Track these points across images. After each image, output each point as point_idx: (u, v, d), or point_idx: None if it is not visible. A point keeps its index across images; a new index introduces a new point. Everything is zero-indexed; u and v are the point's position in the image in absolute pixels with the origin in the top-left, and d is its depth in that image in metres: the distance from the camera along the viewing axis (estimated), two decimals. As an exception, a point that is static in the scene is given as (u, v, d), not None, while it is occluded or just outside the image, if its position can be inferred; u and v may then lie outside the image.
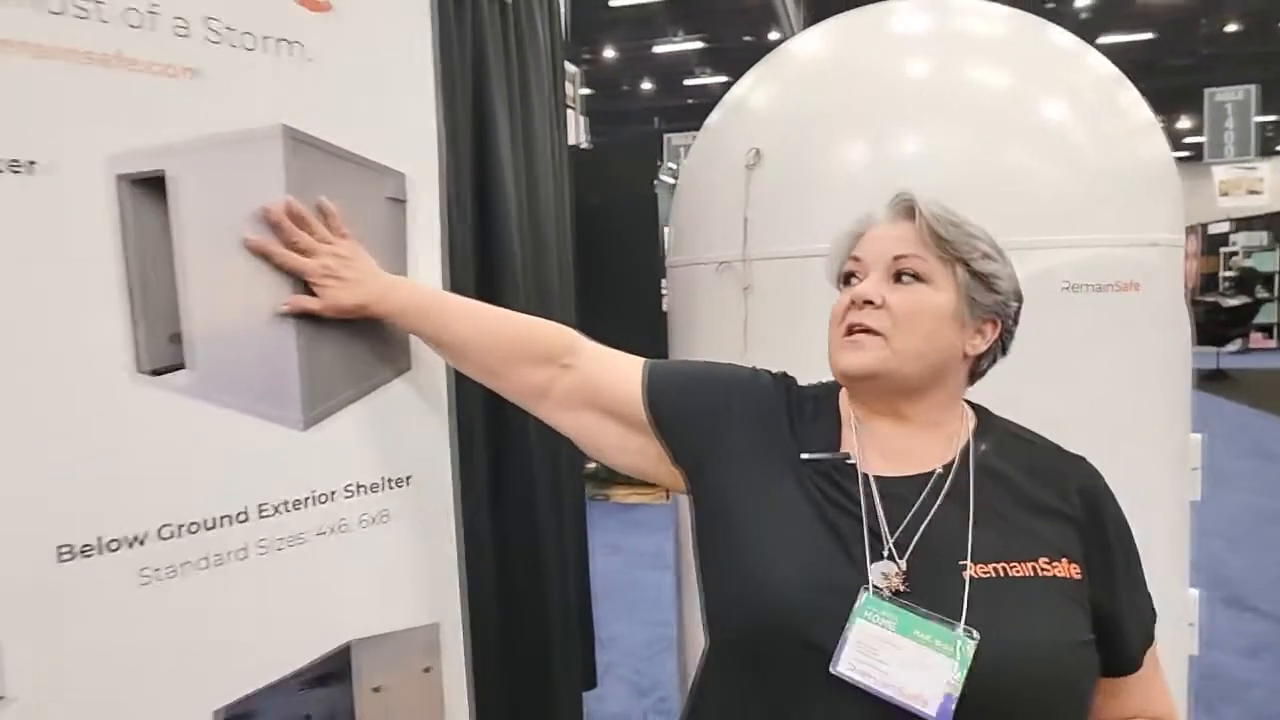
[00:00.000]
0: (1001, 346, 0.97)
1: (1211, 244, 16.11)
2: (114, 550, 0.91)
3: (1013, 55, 1.70)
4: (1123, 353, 1.51)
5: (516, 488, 2.09)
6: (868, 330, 0.90)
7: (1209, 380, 10.46)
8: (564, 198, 2.57)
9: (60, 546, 0.87)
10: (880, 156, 1.59)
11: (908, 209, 0.93)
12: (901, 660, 0.79)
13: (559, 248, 2.44)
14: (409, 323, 1.13)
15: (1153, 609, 0.94)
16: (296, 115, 1.03)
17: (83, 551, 0.89)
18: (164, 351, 0.94)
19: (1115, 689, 0.90)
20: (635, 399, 1.02)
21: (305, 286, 1.05)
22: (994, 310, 0.93)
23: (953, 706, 0.76)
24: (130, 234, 0.90)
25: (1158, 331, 1.55)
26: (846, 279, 0.96)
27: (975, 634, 0.79)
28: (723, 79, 18.50)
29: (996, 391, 0.99)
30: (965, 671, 0.77)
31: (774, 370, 1.06)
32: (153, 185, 0.92)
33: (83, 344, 0.88)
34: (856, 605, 0.82)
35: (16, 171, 0.83)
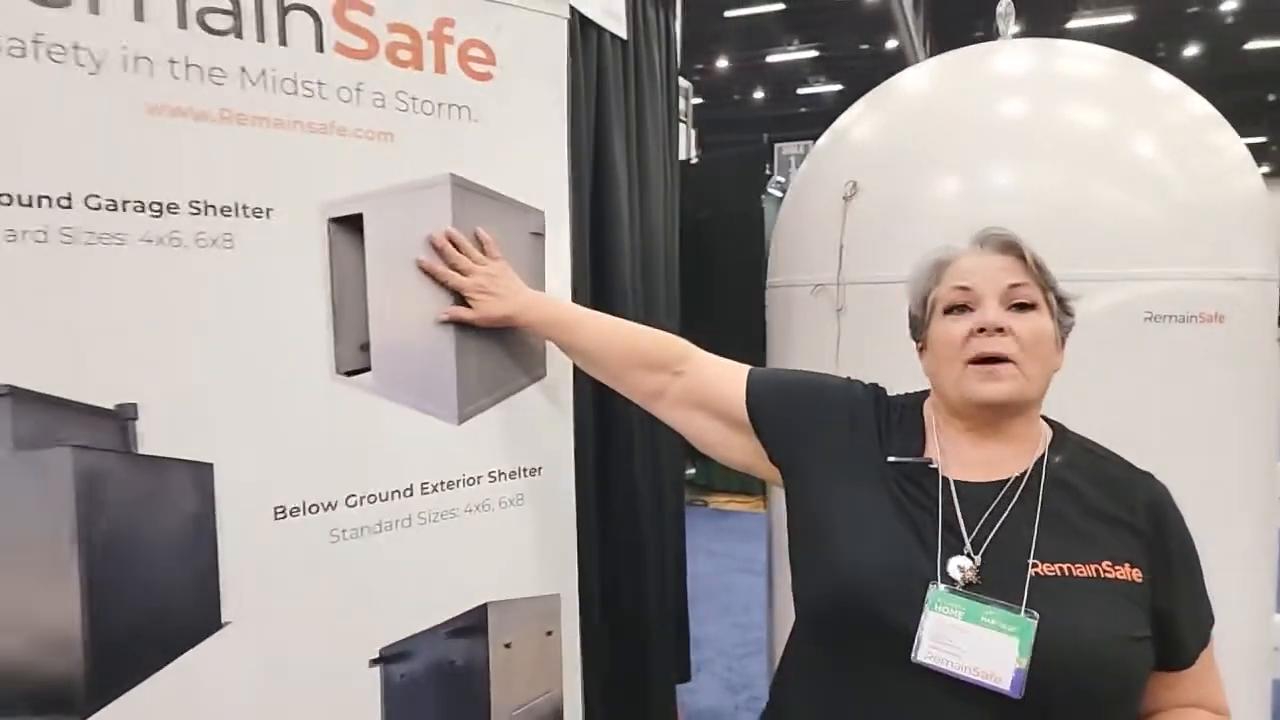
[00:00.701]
0: None
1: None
2: (313, 513, 1.15)
3: (1109, 96, 1.76)
4: (1205, 382, 1.56)
5: (620, 486, 2.25)
6: (1000, 359, 0.94)
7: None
8: (673, 215, 2.74)
9: (276, 507, 1.12)
10: (971, 190, 1.69)
11: (1008, 243, 0.99)
12: (972, 643, 0.86)
13: (666, 262, 2.60)
14: (547, 332, 1.33)
15: (1211, 615, 0.99)
16: (462, 165, 1.27)
17: (291, 512, 1.13)
18: (355, 357, 1.18)
19: (1171, 682, 0.96)
20: (738, 403, 1.13)
21: (463, 303, 1.27)
22: (1067, 330, 1.01)
23: (1024, 679, 0.84)
24: (335, 264, 1.15)
25: (1243, 362, 1.59)
26: (950, 310, 1.00)
27: (1035, 614, 0.87)
28: (837, 88, 18.33)
29: (1080, 416, 1.04)
30: (1030, 648, 0.85)
31: (866, 381, 1.14)
32: (352, 224, 1.16)
33: (296, 350, 1.13)
34: (928, 599, 0.89)
35: (260, 217, 1.08)
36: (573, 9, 2.02)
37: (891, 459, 1.01)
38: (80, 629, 0.99)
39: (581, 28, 2.10)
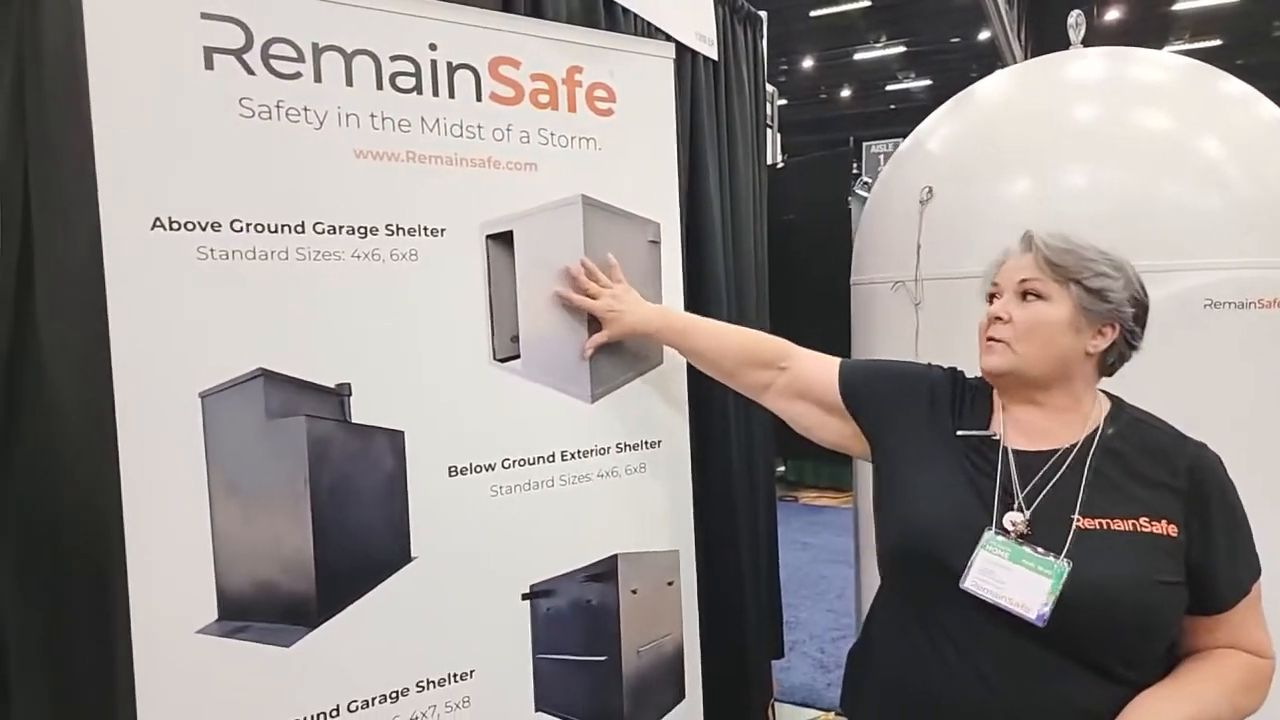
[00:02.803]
0: (1128, 344, 1.15)
1: None
2: (478, 473, 1.42)
3: (1179, 100, 1.88)
4: (1265, 364, 1.68)
5: (716, 472, 2.40)
6: (997, 340, 1.14)
7: None
8: (762, 219, 2.94)
9: (450, 466, 1.40)
10: (1040, 191, 1.84)
11: (1030, 243, 1.16)
12: (1012, 580, 1.03)
13: (756, 263, 2.80)
14: (667, 339, 1.56)
15: (1255, 568, 1.09)
16: (590, 187, 1.53)
17: (462, 471, 1.41)
18: (508, 347, 1.45)
19: (1210, 625, 1.08)
20: (833, 390, 1.32)
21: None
22: (1109, 316, 1.12)
23: (1047, 613, 1.01)
24: (492, 272, 1.42)
25: (1303, 344, 1.70)
26: (989, 299, 1.20)
27: (1069, 562, 1.02)
28: (926, 83, 18.04)
29: (1144, 396, 1.18)
30: (1059, 589, 1.01)
31: (945, 366, 1.30)
32: (505, 239, 1.43)
33: (464, 341, 1.41)
34: (981, 540, 1.07)
35: (436, 236, 1.36)
36: (667, 35, 2.27)
37: (960, 433, 1.18)
38: (312, 556, 1.28)
39: (677, 51, 2.33)
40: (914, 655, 1.13)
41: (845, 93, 19.35)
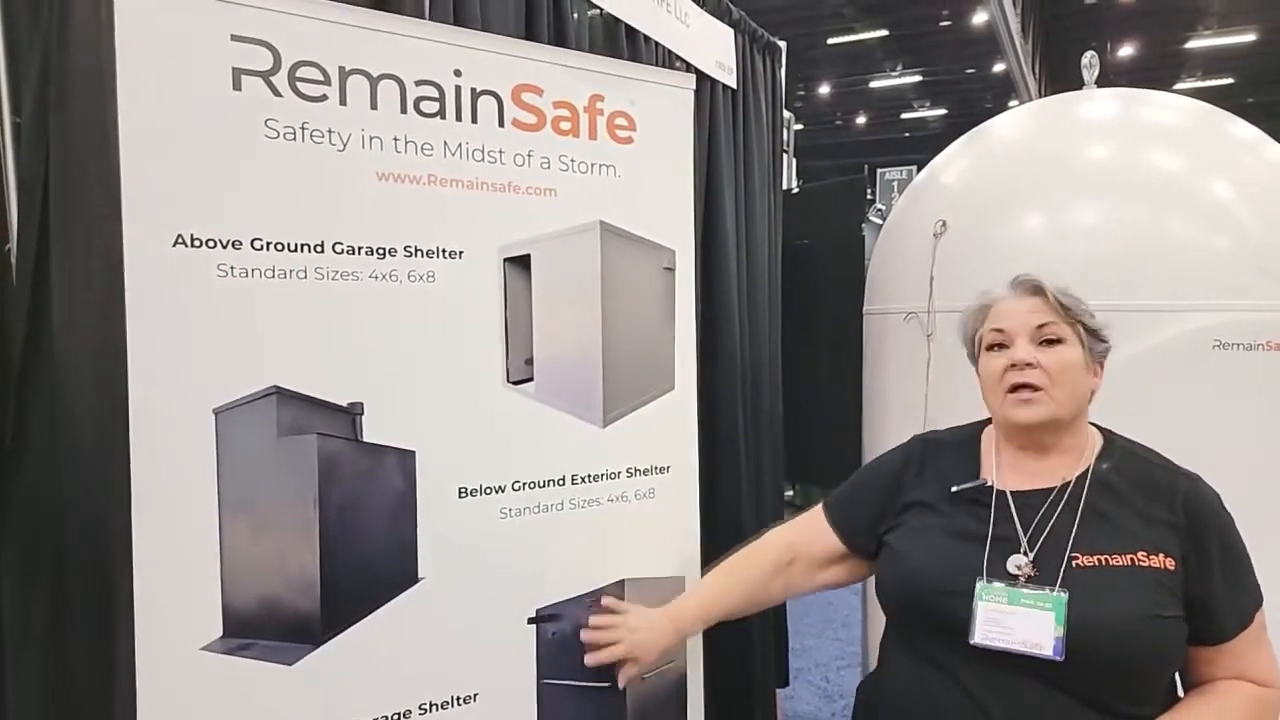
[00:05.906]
0: None
1: None
2: (488, 495, 1.42)
3: (1189, 142, 1.90)
4: (1272, 405, 1.67)
5: (725, 498, 2.42)
6: (1031, 387, 1.12)
7: None
8: (776, 244, 2.95)
9: (460, 488, 1.40)
10: (1053, 228, 1.85)
11: (1035, 287, 1.16)
12: (1018, 623, 1.05)
13: (770, 288, 2.81)
14: (693, 629, 1.41)
15: (1256, 598, 1.10)
16: (608, 213, 1.54)
17: (470, 493, 1.41)
18: (521, 369, 1.45)
19: (1211, 656, 1.09)
20: (835, 543, 1.32)
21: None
22: (1103, 354, 1.18)
23: (1063, 646, 1.02)
24: (509, 295, 1.43)
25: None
26: (990, 346, 1.18)
27: (1064, 591, 1.04)
28: (941, 111, 18.14)
29: (1151, 435, 1.18)
30: (1064, 619, 1.03)
31: (916, 434, 1.33)
32: (522, 263, 1.44)
33: (478, 363, 1.42)
34: (975, 592, 1.09)
35: (454, 258, 1.37)
36: (688, 63, 2.29)
37: (954, 489, 1.19)
38: (318, 574, 1.28)
39: (696, 79, 2.35)
40: (926, 700, 1.14)
41: (860, 119, 19.45)
